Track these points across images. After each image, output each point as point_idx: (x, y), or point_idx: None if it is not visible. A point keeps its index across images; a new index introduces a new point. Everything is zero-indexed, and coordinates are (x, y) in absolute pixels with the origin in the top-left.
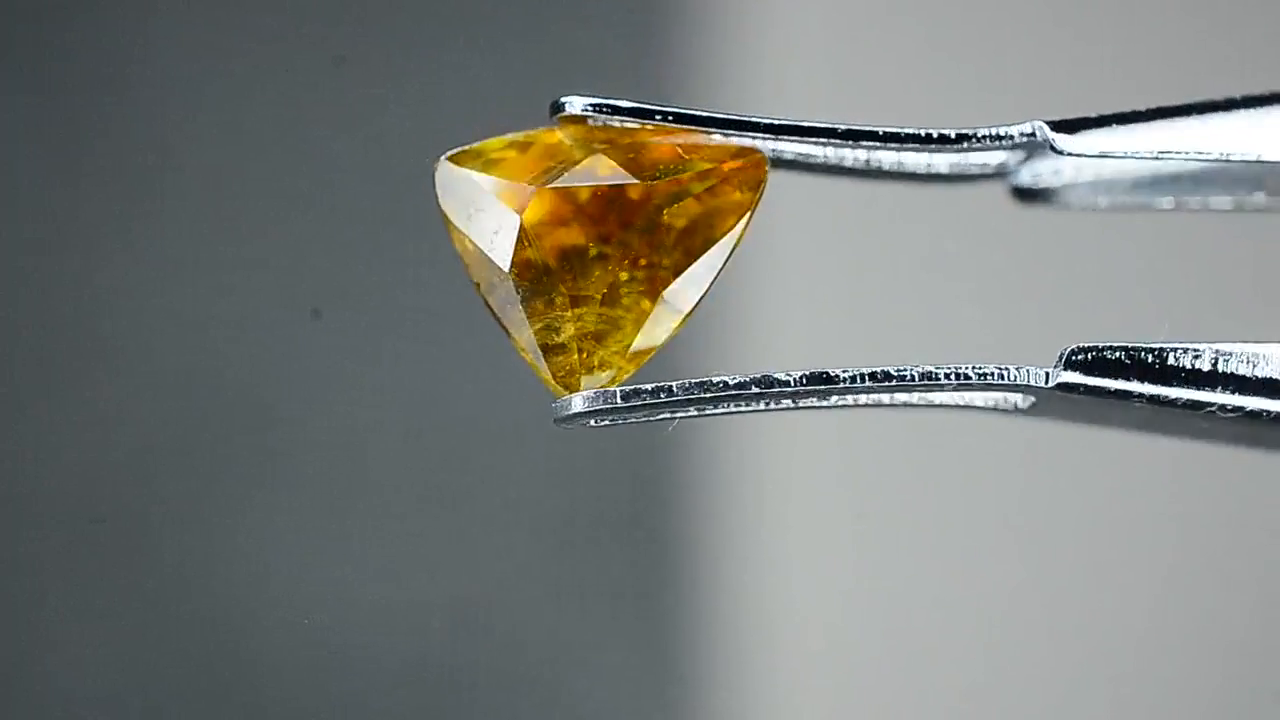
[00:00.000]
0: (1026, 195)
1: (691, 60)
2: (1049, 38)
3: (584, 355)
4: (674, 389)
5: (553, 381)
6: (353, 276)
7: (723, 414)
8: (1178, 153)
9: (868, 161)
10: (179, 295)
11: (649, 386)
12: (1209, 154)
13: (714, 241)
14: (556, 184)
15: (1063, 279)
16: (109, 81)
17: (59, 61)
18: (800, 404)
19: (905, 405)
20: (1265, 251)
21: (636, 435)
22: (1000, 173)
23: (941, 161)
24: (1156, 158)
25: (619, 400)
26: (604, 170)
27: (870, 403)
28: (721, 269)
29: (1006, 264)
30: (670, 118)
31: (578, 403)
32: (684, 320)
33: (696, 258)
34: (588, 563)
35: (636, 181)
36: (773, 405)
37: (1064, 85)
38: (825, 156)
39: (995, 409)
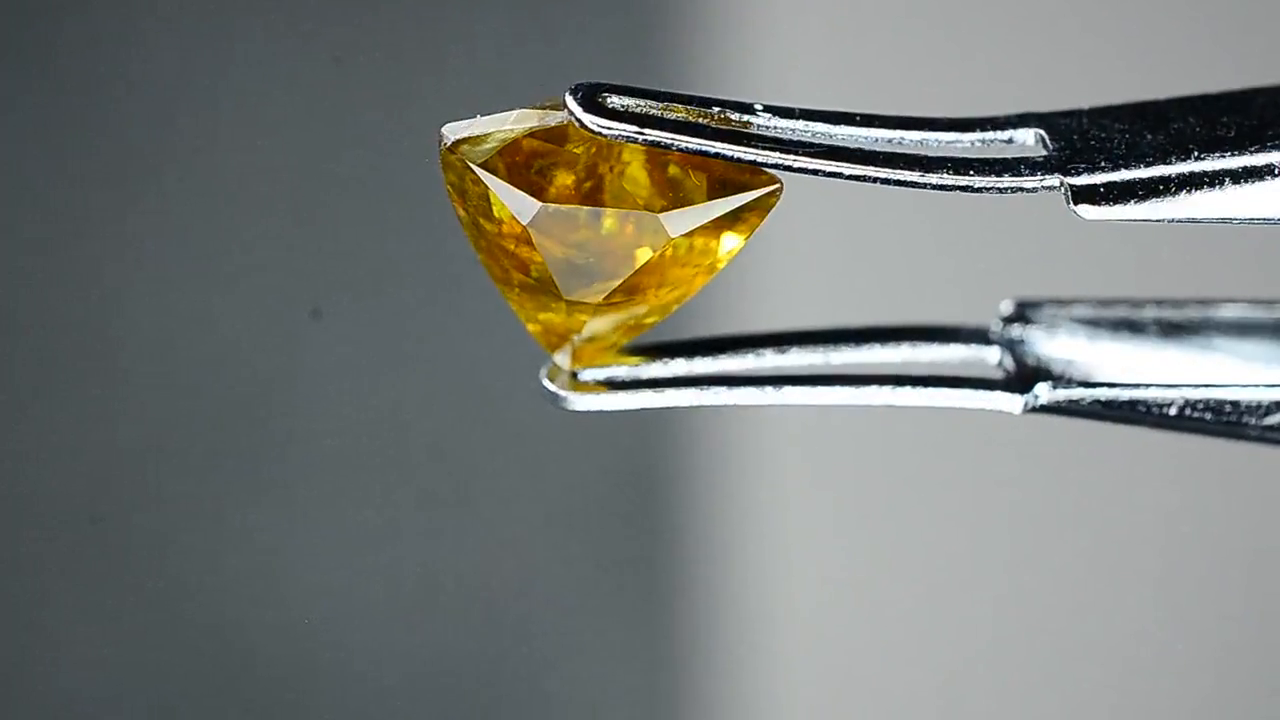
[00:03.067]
0: None
1: (691, 58)
2: (1051, 37)
3: (582, 341)
4: (666, 393)
5: (553, 355)
6: (353, 276)
7: (706, 404)
8: (1205, 219)
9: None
10: (179, 295)
11: (641, 376)
12: (1236, 218)
13: (706, 273)
14: (561, 204)
15: (1061, 282)
16: (109, 81)
17: (59, 61)
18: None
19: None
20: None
21: (640, 427)
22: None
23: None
24: (1182, 221)
25: (612, 406)
26: (612, 192)
27: (859, 398)
28: (723, 266)
29: (1006, 265)
30: (685, 118)
31: (576, 403)
32: (681, 303)
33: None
34: (593, 558)
35: (643, 204)
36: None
37: (1065, 84)
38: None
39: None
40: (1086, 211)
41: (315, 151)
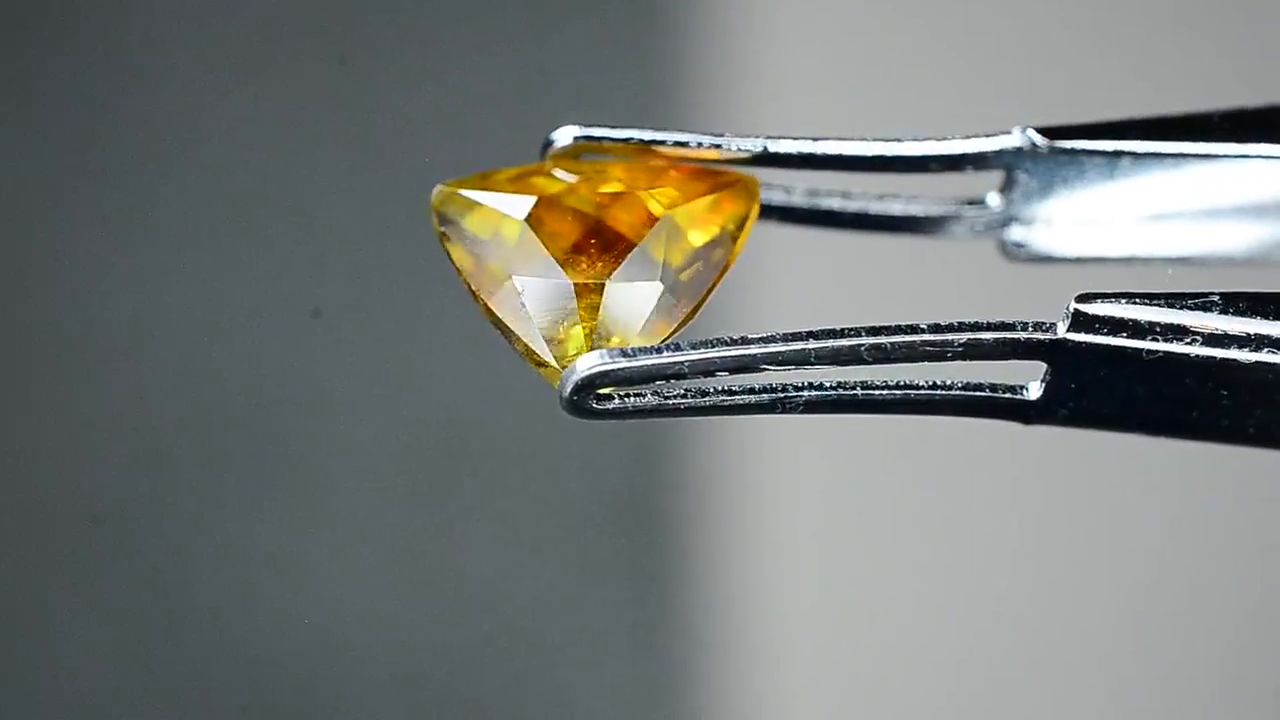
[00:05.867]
0: (1017, 250)
1: (689, 67)
2: (1046, 46)
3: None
4: (680, 344)
5: (554, 379)
6: (353, 277)
7: (726, 413)
8: (1161, 153)
9: (854, 214)
10: (179, 295)
11: (657, 346)
12: (1193, 151)
13: (708, 264)
14: (554, 206)
15: (1062, 283)
16: (109, 82)
17: (59, 61)
18: (803, 401)
19: (907, 404)
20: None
21: (637, 434)
22: (990, 221)
23: (933, 206)
24: (1138, 156)
25: (624, 359)
26: (598, 202)
27: (879, 398)
28: (718, 280)
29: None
30: (661, 145)
31: (592, 359)
32: (682, 323)
33: (691, 278)
34: (588, 563)
35: (630, 210)
36: (781, 405)
37: (1061, 95)
38: (814, 203)
39: (997, 413)
40: (1047, 140)
41: (317, 153)
